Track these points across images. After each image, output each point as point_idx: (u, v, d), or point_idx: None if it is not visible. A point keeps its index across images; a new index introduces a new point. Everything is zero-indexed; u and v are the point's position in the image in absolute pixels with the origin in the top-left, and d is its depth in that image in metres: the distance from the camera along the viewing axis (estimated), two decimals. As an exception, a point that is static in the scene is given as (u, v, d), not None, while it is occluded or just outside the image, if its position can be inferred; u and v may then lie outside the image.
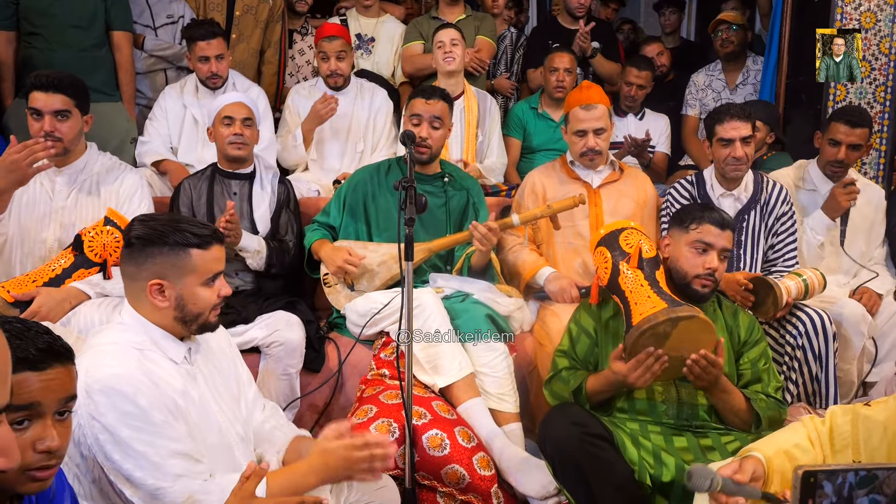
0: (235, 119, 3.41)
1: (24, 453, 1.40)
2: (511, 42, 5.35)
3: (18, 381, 1.41)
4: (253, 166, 3.53)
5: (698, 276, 2.67)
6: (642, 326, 2.48)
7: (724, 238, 2.69)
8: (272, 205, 3.51)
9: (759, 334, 2.75)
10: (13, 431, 1.35)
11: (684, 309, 2.48)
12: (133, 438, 1.87)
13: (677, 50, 5.81)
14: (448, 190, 3.51)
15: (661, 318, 2.46)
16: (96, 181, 3.23)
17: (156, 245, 2.01)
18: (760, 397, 2.62)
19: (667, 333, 2.47)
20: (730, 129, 3.38)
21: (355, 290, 3.36)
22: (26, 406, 1.43)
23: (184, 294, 2.02)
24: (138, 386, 1.90)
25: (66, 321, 2.87)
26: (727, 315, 2.77)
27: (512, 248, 3.57)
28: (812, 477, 1.44)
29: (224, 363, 2.22)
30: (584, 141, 3.50)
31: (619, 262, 2.71)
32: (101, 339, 2.03)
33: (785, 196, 3.52)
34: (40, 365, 1.46)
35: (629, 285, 2.65)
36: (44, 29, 4.03)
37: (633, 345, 2.50)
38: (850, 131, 3.64)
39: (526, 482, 2.75)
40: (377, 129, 4.35)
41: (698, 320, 2.47)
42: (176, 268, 2.01)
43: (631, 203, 3.52)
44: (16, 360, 1.38)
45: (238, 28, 4.69)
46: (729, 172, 3.44)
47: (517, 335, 3.32)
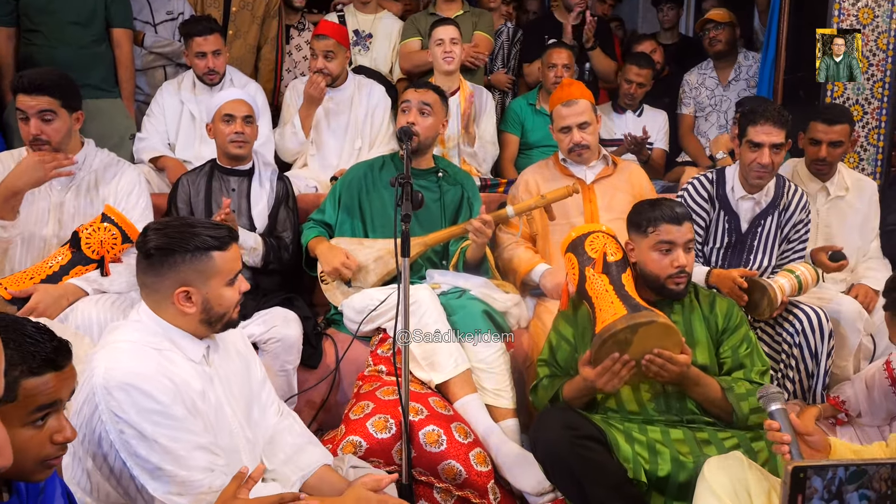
0: (236, 117, 3.40)
1: (42, 446, 1.52)
2: (508, 37, 5.35)
3: (43, 383, 1.50)
4: (252, 163, 3.53)
5: (670, 277, 2.66)
6: (603, 335, 2.51)
7: (684, 232, 2.66)
8: (270, 201, 3.50)
9: (737, 320, 2.73)
10: (33, 428, 1.49)
11: (643, 315, 2.49)
12: (157, 433, 1.90)
13: (676, 46, 5.81)
14: (442, 185, 3.52)
15: (620, 326, 2.49)
16: (94, 178, 3.21)
17: (177, 253, 2.00)
18: (742, 383, 2.61)
19: (628, 340, 2.49)
20: (762, 132, 3.27)
21: (352, 286, 3.37)
22: (50, 404, 1.53)
23: (210, 297, 2.03)
24: (156, 384, 1.92)
25: (63, 318, 2.87)
26: (704, 305, 2.76)
27: (507, 245, 3.57)
28: (802, 472, 1.45)
29: (238, 364, 2.24)
30: (569, 137, 3.50)
31: (585, 267, 2.72)
32: (116, 337, 2.03)
33: (805, 203, 3.46)
34: (59, 364, 1.53)
35: (595, 291, 2.66)
36: (43, 26, 4.04)
37: (597, 353, 2.53)
38: (828, 129, 3.63)
39: (522, 478, 2.75)
40: (374, 125, 4.34)
41: (658, 325, 2.48)
42: (200, 273, 2.01)
43: (626, 197, 3.50)
44: (39, 362, 1.49)
45: (235, 24, 4.69)
46: (752, 178, 3.35)
47: (514, 331, 3.32)
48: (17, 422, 1.50)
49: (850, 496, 1.48)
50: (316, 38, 4.25)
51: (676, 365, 2.51)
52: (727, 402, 2.58)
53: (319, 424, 3.27)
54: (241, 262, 2.13)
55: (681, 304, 2.72)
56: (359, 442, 2.68)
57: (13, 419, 1.48)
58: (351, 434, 2.71)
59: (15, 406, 1.48)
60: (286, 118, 4.41)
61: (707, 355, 2.68)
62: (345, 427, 2.78)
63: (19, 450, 1.48)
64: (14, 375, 1.47)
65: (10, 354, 1.47)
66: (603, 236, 2.78)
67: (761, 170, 3.30)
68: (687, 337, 2.64)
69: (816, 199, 3.76)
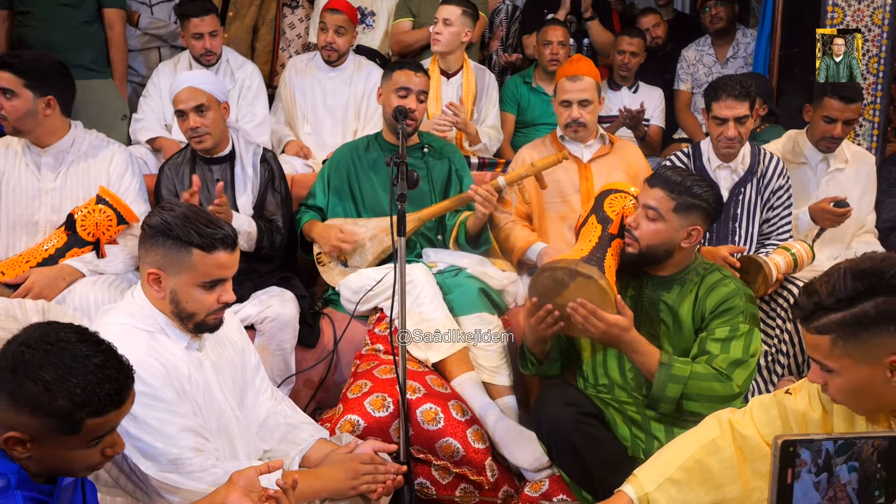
0: (186, 112, 3.19)
1: (92, 458, 1.61)
2: (507, 15, 5.33)
3: (106, 420, 1.58)
4: (231, 147, 3.37)
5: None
6: (545, 266, 2.58)
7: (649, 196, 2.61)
8: (255, 187, 3.37)
9: (728, 307, 2.55)
10: (88, 448, 1.57)
11: (587, 267, 2.50)
12: (147, 415, 1.92)
13: (671, 22, 5.79)
14: (429, 160, 3.52)
15: (562, 264, 2.54)
16: (84, 160, 3.19)
17: (161, 236, 2.02)
18: (701, 365, 2.47)
19: (564, 283, 2.52)
20: (724, 108, 3.34)
21: (348, 266, 3.38)
22: (109, 432, 1.61)
23: (178, 290, 2.03)
24: (146, 367, 1.94)
25: (60, 299, 2.89)
26: (702, 289, 2.61)
27: (504, 224, 3.58)
28: (791, 446, 1.47)
29: (232, 353, 2.26)
30: (568, 112, 3.50)
31: (593, 214, 2.77)
32: (108, 319, 2.06)
33: (782, 170, 3.51)
34: (122, 401, 1.60)
35: (583, 235, 2.72)
36: (34, 7, 4.02)
37: (533, 282, 2.60)
38: (844, 107, 3.64)
39: (519, 454, 2.77)
40: (371, 107, 4.33)
41: (595, 283, 2.48)
42: (174, 263, 2.02)
43: (622, 176, 3.50)
44: (105, 403, 1.55)
45: (234, 5, 4.69)
46: (722, 150, 3.44)
47: (510, 309, 3.34)
48: (76, 447, 1.57)
49: (839, 468, 1.50)
50: (329, 11, 4.25)
51: (602, 321, 2.45)
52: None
53: (318, 403, 3.28)
54: (229, 272, 2.09)
55: (680, 286, 2.64)
56: (357, 421, 2.70)
57: (72, 446, 1.56)
58: (349, 413, 2.73)
59: (76, 437, 1.55)
60: (283, 97, 4.42)
61: (688, 341, 2.60)
62: (343, 406, 2.80)
63: (70, 461, 1.59)
64: (80, 416, 1.53)
65: (73, 391, 1.52)
66: (629, 200, 2.77)
67: (728, 142, 3.39)
68: (674, 320, 2.61)
69: (817, 170, 3.79)
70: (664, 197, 2.57)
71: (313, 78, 4.38)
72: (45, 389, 1.50)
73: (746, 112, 3.36)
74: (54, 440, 1.53)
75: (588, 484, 2.51)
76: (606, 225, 2.70)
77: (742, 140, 3.41)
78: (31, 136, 3.10)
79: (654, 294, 2.66)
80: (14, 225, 3.15)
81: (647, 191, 2.60)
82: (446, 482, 2.78)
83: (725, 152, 3.45)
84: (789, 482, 1.48)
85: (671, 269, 2.65)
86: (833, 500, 1.51)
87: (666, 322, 2.63)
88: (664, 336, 2.62)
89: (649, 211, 2.58)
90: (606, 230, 2.69)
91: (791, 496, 1.49)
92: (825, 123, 3.68)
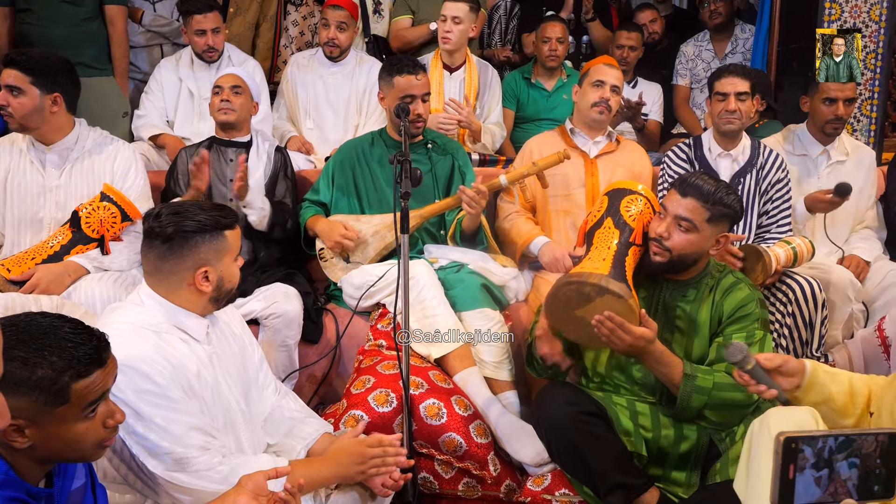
0: (223, 87, 3.44)
1: (97, 432, 1.62)
2: (506, 12, 5.34)
3: (92, 382, 1.58)
4: (250, 136, 3.55)
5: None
6: (572, 277, 2.48)
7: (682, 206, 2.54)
8: (268, 171, 3.52)
9: (746, 312, 2.56)
10: (87, 420, 1.58)
11: (618, 286, 2.43)
12: (153, 414, 1.93)
13: (669, 18, 5.80)
14: (432, 156, 3.54)
15: (592, 280, 2.44)
16: (88, 157, 3.20)
17: (198, 234, 2.06)
18: (720, 374, 2.48)
19: (590, 298, 2.44)
20: (727, 84, 3.44)
21: (351, 262, 3.40)
22: (101, 397, 1.61)
23: (223, 274, 2.11)
24: (154, 365, 1.96)
25: (66, 296, 2.90)
26: (718, 293, 2.61)
27: (508, 215, 3.59)
28: (793, 443, 1.49)
29: (235, 347, 2.27)
30: (600, 92, 3.52)
31: (608, 217, 2.67)
32: (115, 318, 2.07)
33: (780, 163, 3.54)
34: (103, 360, 1.61)
35: (600, 241, 2.61)
36: (35, 4, 4.03)
37: (555, 291, 2.51)
38: (842, 86, 3.70)
39: (521, 449, 2.79)
40: (372, 102, 4.34)
41: (625, 302, 2.42)
42: (217, 251, 2.09)
43: (627, 174, 3.52)
44: (86, 363, 1.56)
45: (236, 2, 4.69)
46: (722, 125, 3.47)
47: (512, 304, 3.36)
48: (73, 419, 1.58)
49: (839, 465, 1.52)
50: (331, 7, 4.27)
51: (629, 334, 2.40)
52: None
53: (321, 399, 3.30)
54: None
55: (696, 291, 2.62)
56: (360, 416, 2.71)
57: (69, 418, 1.57)
58: (352, 408, 2.75)
59: (69, 407, 1.56)
60: (285, 93, 4.43)
61: (704, 346, 2.60)
62: (346, 401, 2.82)
63: (78, 440, 1.60)
64: (64, 381, 1.54)
65: (53, 360, 1.53)
66: (644, 203, 2.69)
67: (729, 115, 3.44)
68: (690, 325, 2.60)
69: (817, 163, 3.80)
70: (698, 207, 2.52)
71: (315, 73, 4.39)
72: (22, 364, 1.51)
73: (747, 90, 3.44)
74: (49, 417, 1.53)
75: (589, 482, 2.53)
76: (625, 231, 2.62)
77: (742, 117, 3.46)
78: (36, 133, 3.11)
79: (671, 299, 2.64)
80: (19, 222, 3.16)
81: (679, 200, 2.54)
82: (449, 476, 2.81)
83: (726, 128, 3.47)
84: (791, 477, 1.51)
85: (690, 273, 2.63)
86: (834, 495, 1.54)
87: (680, 327, 2.61)
88: (677, 342, 2.61)
89: (683, 222, 2.52)
90: (626, 237, 2.61)
91: (793, 491, 1.51)
92: (827, 106, 3.70)
